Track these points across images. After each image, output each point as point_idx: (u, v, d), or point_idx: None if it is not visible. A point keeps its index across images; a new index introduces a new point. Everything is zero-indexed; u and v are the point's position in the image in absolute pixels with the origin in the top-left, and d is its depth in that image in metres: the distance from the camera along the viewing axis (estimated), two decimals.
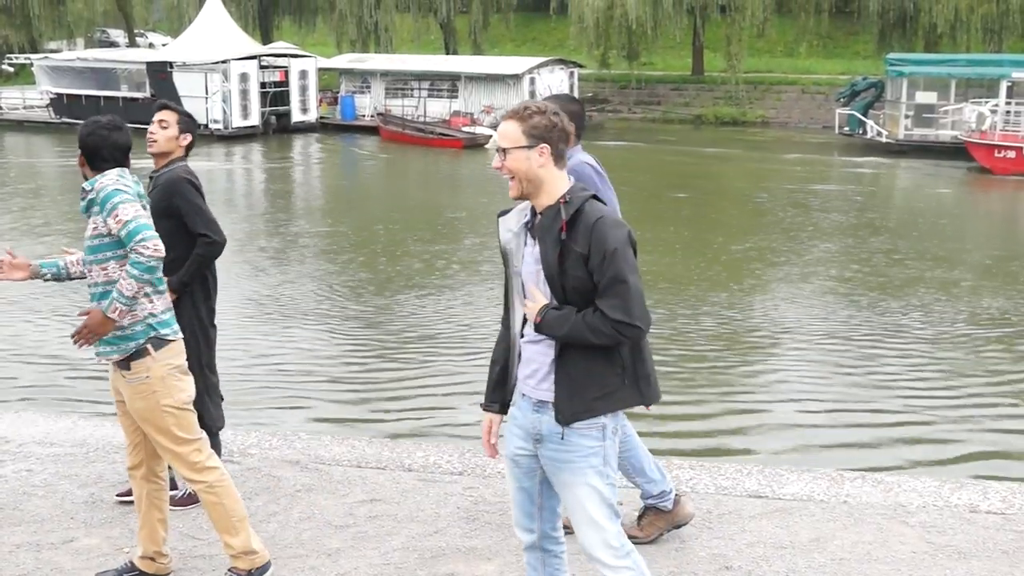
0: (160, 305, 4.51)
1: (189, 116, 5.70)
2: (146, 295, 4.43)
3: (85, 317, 4.34)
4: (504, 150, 3.59)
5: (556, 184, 3.60)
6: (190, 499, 5.54)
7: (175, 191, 5.47)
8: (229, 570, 4.67)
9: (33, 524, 5.37)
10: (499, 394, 3.87)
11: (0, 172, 30.40)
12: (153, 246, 4.26)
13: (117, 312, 4.27)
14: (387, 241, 19.39)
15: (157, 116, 5.58)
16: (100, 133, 4.56)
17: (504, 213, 3.79)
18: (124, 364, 4.45)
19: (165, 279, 4.63)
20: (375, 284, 15.86)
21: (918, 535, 5.21)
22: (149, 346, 4.45)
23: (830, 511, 5.49)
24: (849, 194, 26.78)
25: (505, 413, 3.87)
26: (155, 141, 5.55)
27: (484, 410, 3.90)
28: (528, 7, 56.91)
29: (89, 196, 4.46)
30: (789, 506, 5.56)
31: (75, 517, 5.45)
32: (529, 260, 3.66)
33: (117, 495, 5.65)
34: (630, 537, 4.20)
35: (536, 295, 3.60)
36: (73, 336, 4.32)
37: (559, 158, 3.60)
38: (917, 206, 25.53)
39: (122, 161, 4.59)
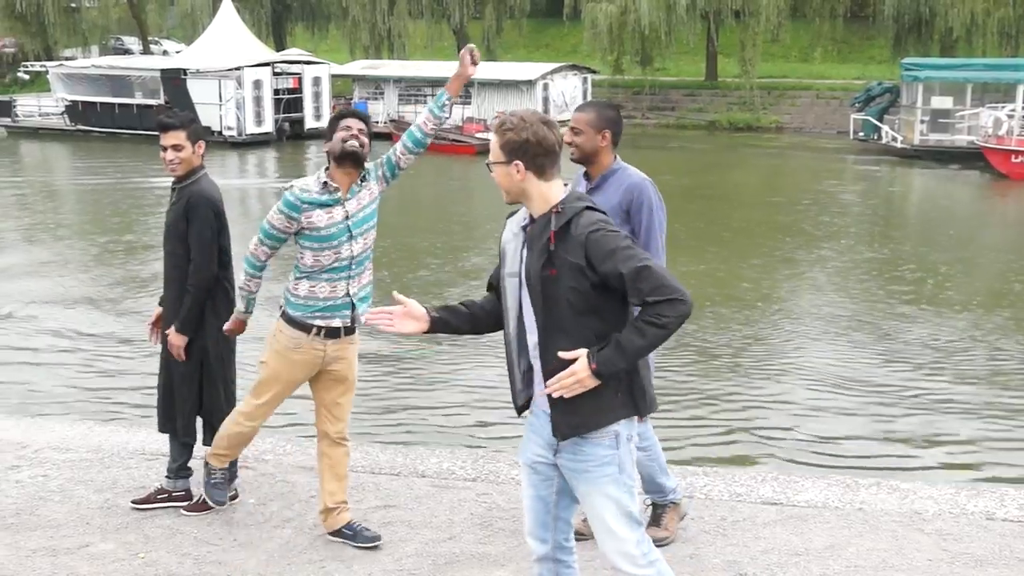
0: None
1: (193, 120, 5.54)
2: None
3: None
4: (488, 164, 3.67)
5: (546, 194, 3.60)
6: (204, 505, 5.55)
7: (190, 215, 5.36)
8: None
9: (49, 529, 5.38)
10: (447, 312, 3.88)
11: (20, 180, 30.53)
12: None
13: None
14: (401, 248, 19.38)
15: (167, 140, 5.37)
16: None
17: (513, 214, 3.82)
18: (352, 330, 5.13)
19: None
20: (390, 290, 15.83)
21: (934, 542, 5.17)
22: None
23: (845, 518, 5.46)
24: (866, 200, 26.68)
25: (434, 324, 3.85)
26: (177, 166, 5.39)
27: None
28: (541, 13, 56.95)
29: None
30: (804, 513, 5.52)
31: (90, 522, 5.45)
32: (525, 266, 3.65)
33: (132, 501, 5.66)
34: (659, 539, 4.20)
35: (571, 355, 3.51)
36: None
37: (541, 171, 3.59)
38: (935, 212, 25.43)
39: None
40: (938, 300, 15.32)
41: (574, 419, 3.57)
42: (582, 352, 3.48)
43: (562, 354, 3.52)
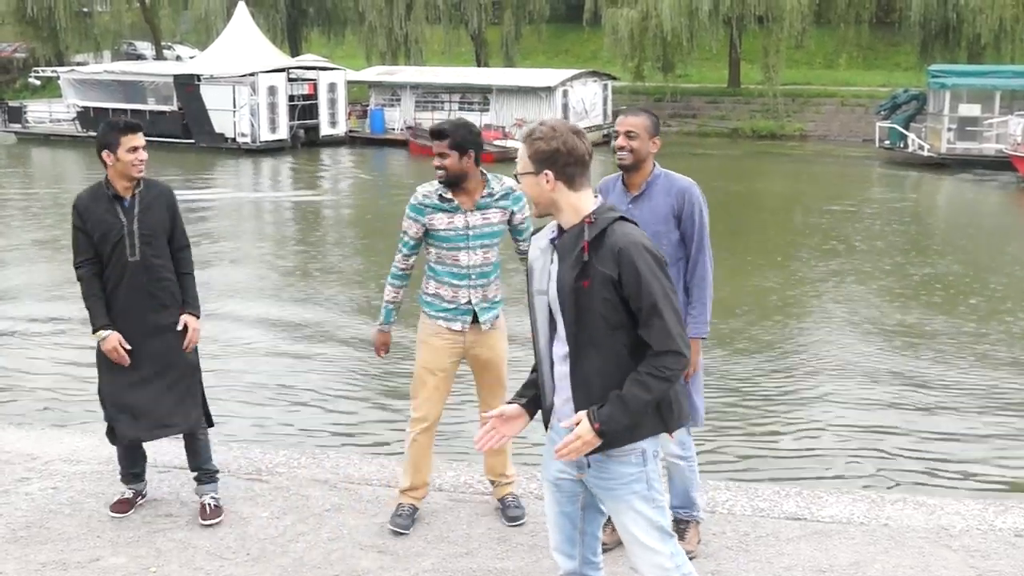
0: None
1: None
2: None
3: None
4: (516, 175, 3.66)
5: (576, 205, 3.57)
6: (217, 512, 5.55)
7: (174, 209, 5.60)
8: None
9: (59, 542, 5.32)
10: (530, 391, 3.82)
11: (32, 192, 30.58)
12: None
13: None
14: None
15: (139, 140, 5.38)
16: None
17: (537, 231, 3.79)
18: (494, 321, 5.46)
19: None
20: (406, 307, 15.71)
21: (961, 559, 5.08)
22: None
23: (870, 534, 5.36)
24: (895, 210, 26.26)
25: (530, 411, 3.80)
26: (143, 166, 5.46)
27: (508, 401, 3.85)
28: (561, 18, 56.84)
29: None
30: (828, 529, 5.43)
31: (101, 535, 5.40)
32: (555, 279, 3.62)
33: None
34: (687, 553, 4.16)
35: (572, 421, 3.50)
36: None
37: (571, 181, 3.56)
38: (965, 223, 25.02)
39: None
40: (963, 313, 15.07)
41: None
42: (583, 415, 3.48)
43: (563, 423, 3.56)
